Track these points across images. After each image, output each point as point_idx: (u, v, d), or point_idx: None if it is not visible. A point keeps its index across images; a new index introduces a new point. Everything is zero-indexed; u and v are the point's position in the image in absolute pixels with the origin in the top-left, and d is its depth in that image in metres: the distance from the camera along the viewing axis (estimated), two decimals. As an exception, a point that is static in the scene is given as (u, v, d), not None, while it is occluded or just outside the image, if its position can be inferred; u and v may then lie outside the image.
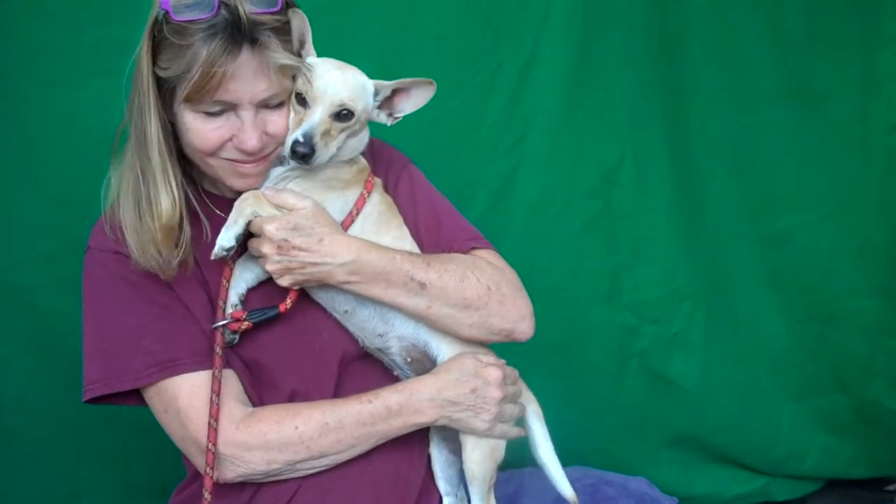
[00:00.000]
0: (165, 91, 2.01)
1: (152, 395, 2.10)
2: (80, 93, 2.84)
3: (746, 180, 3.55)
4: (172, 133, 2.07)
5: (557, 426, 2.42)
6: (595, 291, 3.48)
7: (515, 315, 2.23)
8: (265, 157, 2.09)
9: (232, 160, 2.06)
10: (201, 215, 2.13)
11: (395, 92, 2.08)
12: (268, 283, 2.13)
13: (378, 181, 2.24)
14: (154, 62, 1.98)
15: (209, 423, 2.00)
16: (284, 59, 1.97)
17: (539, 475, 2.49)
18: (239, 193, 2.09)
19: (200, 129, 2.01)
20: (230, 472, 2.07)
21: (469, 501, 2.35)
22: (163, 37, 1.95)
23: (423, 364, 2.27)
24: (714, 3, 3.39)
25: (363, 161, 2.20)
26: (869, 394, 3.67)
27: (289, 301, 2.09)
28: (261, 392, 2.16)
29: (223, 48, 1.90)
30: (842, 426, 3.70)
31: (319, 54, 2.14)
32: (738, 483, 3.70)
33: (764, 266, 3.61)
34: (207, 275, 2.15)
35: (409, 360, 2.26)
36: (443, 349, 2.22)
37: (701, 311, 3.57)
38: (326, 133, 1.96)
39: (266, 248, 1.99)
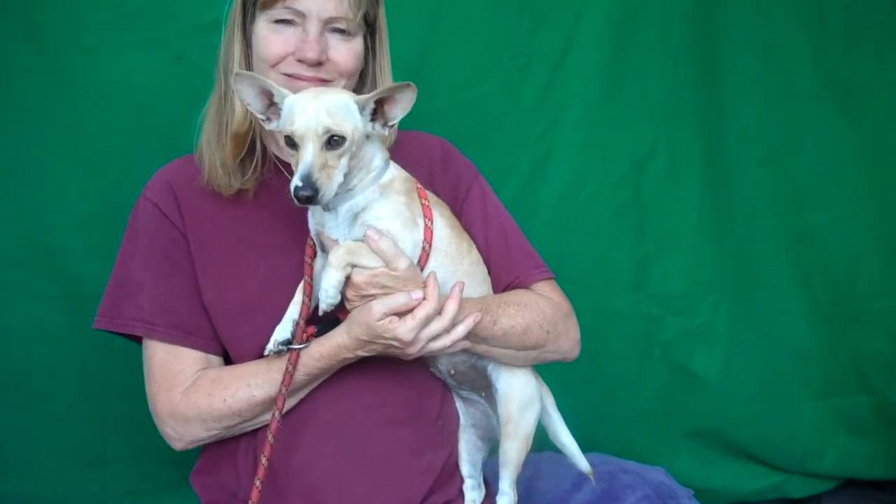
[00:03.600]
0: (248, 16, 2.22)
1: (143, 345, 2.26)
2: (121, 61, 2.87)
3: (778, 174, 3.54)
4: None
5: (578, 412, 2.48)
6: (621, 280, 3.48)
7: (567, 347, 2.39)
8: (321, 81, 2.20)
9: (290, 75, 2.18)
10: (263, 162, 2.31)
11: (381, 102, 2.03)
12: None
13: (434, 198, 2.23)
14: None
15: (267, 439, 2.07)
16: None
17: (556, 459, 2.56)
18: None
19: (268, 38, 2.19)
20: (179, 443, 2.23)
21: (485, 484, 2.41)
22: None
23: (468, 375, 2.31)
24: (753, -7, 3.37)
25: (398, 171, 2.16)
26: (891, 394, 3.63)
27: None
28: None
29: None
30: (862, 426, 3.68)
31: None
32: (755, 478, 3.68)
33: (791, 262, 3.59)
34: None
35: (452, 372, 2.31)
36: (494, 366, 2.28)
37: (726, 305, 3.56)
38: (324, 166, 1.92)
39: (350, 293, 2.04)
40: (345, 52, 2.22)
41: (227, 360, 2.28)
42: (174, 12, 2.89)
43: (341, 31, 2.21)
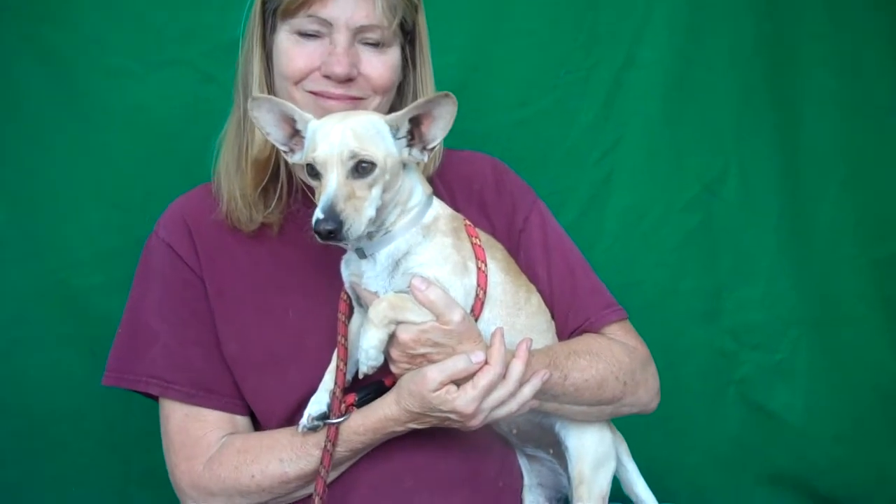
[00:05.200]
0: (268, 27, 2.03)
1: (159, 404, 2.07)
2: (144, 84, 2.83)
3: (860, 197, 3.38)
4: None
5: (646, 457, 2.35)
6: (692, 312, 3.34)
7: (646, 399, 2.22)
8: (352, 100, 2.01)
9: (316, 93, 1.99)
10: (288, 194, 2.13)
11: (417, 121, 1.83)
12: None
13: (485, 238, 2.03)
14: None
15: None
16: None
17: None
18: None
19: (291, 51, 1.99)
20: None
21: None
22: None
23: (533, 434, 2.14)
24: (830, 3, 3.25)
25: (442, 208, 1.97)
26: None
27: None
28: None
29: None
30: (958, 471, 3.50)
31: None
32: (840, 528, 3.51)
33: (876, 291, 3.40)
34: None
35: (515, 431, 2.13)
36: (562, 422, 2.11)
37: (807, 338, 3.39)
38: (351, 196, 1.72)
39: (395, 353, 1.84)
40: (379, 65, 2.02)
41: (254, 418, 2.11)
42: (200, 32, 2.85)
43: (374, 43, 2.01)
